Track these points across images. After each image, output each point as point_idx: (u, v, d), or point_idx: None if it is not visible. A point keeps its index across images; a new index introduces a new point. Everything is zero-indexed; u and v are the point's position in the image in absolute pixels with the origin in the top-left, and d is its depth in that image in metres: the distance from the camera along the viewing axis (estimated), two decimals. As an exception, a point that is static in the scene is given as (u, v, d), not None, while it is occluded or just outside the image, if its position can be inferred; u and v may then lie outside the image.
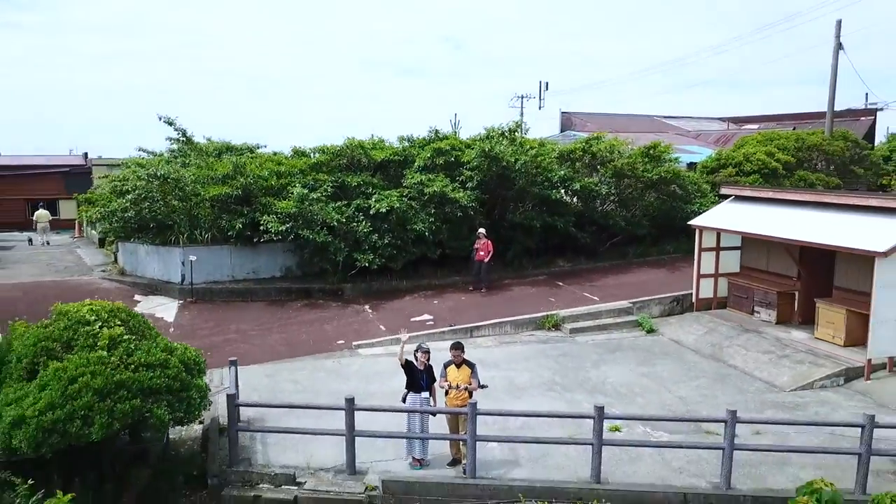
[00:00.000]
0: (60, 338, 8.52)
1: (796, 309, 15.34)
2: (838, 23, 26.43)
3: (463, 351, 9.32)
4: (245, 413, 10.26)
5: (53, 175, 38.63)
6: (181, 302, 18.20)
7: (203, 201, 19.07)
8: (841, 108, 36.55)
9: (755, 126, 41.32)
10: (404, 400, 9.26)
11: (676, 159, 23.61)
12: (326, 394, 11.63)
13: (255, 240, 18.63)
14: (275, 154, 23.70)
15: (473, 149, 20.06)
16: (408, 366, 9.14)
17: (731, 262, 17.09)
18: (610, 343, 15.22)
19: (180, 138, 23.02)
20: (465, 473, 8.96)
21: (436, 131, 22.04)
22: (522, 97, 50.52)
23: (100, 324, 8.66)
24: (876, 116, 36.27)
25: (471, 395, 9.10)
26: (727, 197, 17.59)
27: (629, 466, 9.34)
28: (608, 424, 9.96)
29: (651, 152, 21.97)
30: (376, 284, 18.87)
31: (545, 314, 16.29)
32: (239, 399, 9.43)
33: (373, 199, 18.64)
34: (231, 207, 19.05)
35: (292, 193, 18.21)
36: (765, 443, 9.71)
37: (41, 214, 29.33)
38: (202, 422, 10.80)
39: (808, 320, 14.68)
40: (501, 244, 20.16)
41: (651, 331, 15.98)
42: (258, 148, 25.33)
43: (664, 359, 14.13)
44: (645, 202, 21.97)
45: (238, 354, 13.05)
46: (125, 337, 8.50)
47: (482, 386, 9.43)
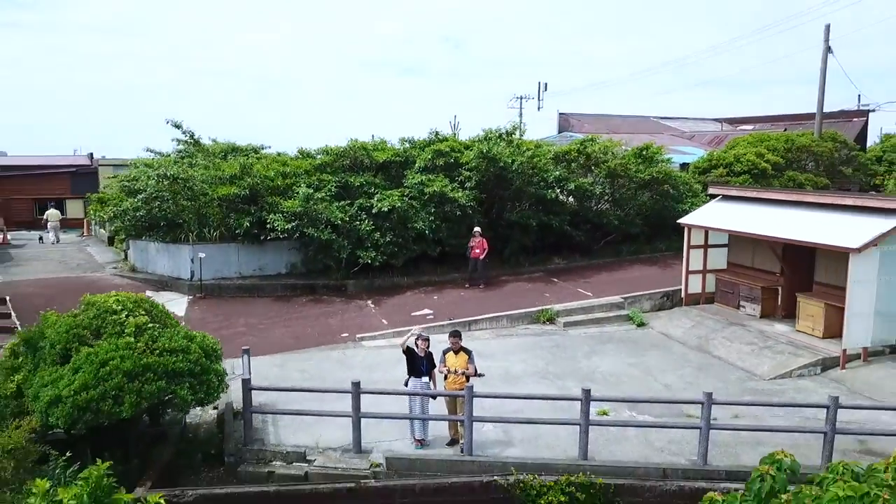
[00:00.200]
0: (90, 326, 9.27)
1: (779, 303, 16.06)
2: (827, 27, 27.22)
3: (460, 338, 10.08)
4: (257, 399, 10.94)
5: (60, 175, 39.28)
6: (191, 297, 18.93)
7: (211, 201, 19.79)
8: (834, 110, 37.40)
9: (750, 127, 41.99)
10: (406, 385, 10.01)
11: (669, 160, 24.28)
12: (333, 382, 12.30)
13: (262, 238, 19.42)
14: (279, 155, 24.41)
15: (472, 150, 20.76)
16: (409, 352, 9.89)
17: (719, 259, 17.81)
18: (602, 336, 15.95)
19: (188, 140, 23.77)
20: (463, 452, 9.70)
21: (436, 133, 22.75)
22: (521, 98, 50.99)
23: (126, 313, 9.41)
24: (868, 118, 37.00)
25: (468, 380, 9.83)
26: (716, 196, 18.32)
27: (615, 446, 10.08)
28: (596, 408, 10.72)
29: (644, 153, 22.70)
30: (378, 280, 19.60)
31: (540, 309, 17.03)
32: (252, 384, 10.17)
33: (375, 199, 19.39)
34: (238, 207, 19.79)
35: (298, 193, 18.95)
36: (741, 423, 10.44)
37: (52, 214, 30.13)
38: (216, 407, 11.54)
39: (791, 314, 15.39)
40: (499, 242, 20.92)
41: (641, 324, 16.71)
42: (262, 149, 26.04)
43: (652, 350, 14.86)
44: (638, 201, 22.61)
45: (247, 346, 13.69)
46: (150, 325, 9.25)
47: (479, 374, 10.15)
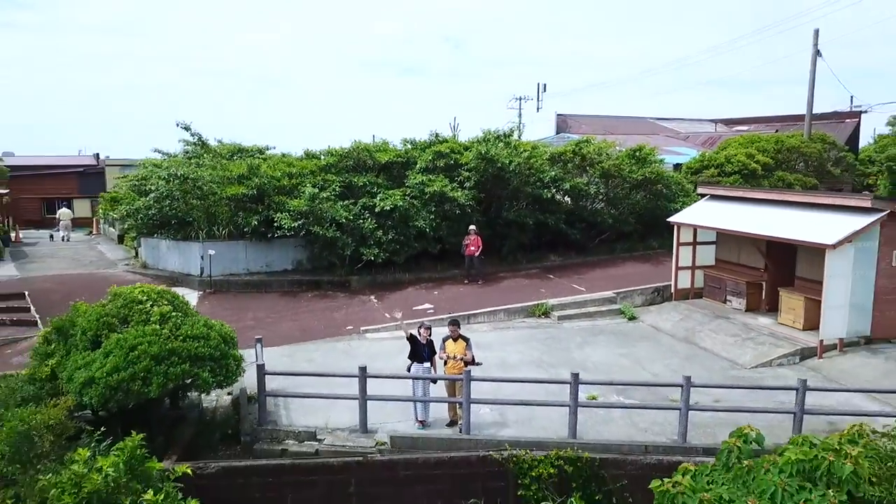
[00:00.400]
0: (118, 314, 10.07)
1: (763, 297, 16.84)
2: (816, 32, 28.04)
3: (459, 327, 10.89)
4: (269, 385, 11.68)
5: (68, 175, 40.18)
6: (201, 293, 19.72)
7: (220, 200, 20.59)
8: (827, 111, 38.17)
9: (745, 128, 42.76)
10: (409, 370, 10.80)
11: (661, 161, 25.04)
12: (339, 370, 13.06)
13: (269, 235, 20.22)
14: (284, 156, 25.14)
15: (471, 151, 21.54)
16: (412, 339, 10.68)
17: (707, 256, 18.61)
18: (594, 328, 16.74)
19: (196, 142, 24.53)
20: (462, 432, 10.49)
21: (436, 135, 23.56)
22: (521, 99, 51.70)
23: (150, 303, 10.20)
24: (860, 119, 37.70)
25: (466, 365, 10.62)
26: (704, 196, 19.10)
27: (603, 427, 10.87)
28: (586, 393, 11.52)
29: (637, 154, 23.48)
30: (381, 277, 20.40)
31: (536, 303, 17.82)
32: (266, 370, 10.96)
33: (378, 198, 20.20)
34: (246, 206, 20.60)
35: (303, 193, 19.74)
36: (720, 405, 11.22)
37: (64, 213, 31.03)
38: (230, 393, 12.32)
39: (774, 308, 16.18)
40: (497, 240, 21.73)
41: (632, 318, 17.49)
42: (267, 150, 26.74)
43: (642, 342, 15.65)
44: (632, 201, 23.35)
45: (259, 336, 14.53)
46: (173, 314, 10.03)
47: (477, 363, 10.95)
